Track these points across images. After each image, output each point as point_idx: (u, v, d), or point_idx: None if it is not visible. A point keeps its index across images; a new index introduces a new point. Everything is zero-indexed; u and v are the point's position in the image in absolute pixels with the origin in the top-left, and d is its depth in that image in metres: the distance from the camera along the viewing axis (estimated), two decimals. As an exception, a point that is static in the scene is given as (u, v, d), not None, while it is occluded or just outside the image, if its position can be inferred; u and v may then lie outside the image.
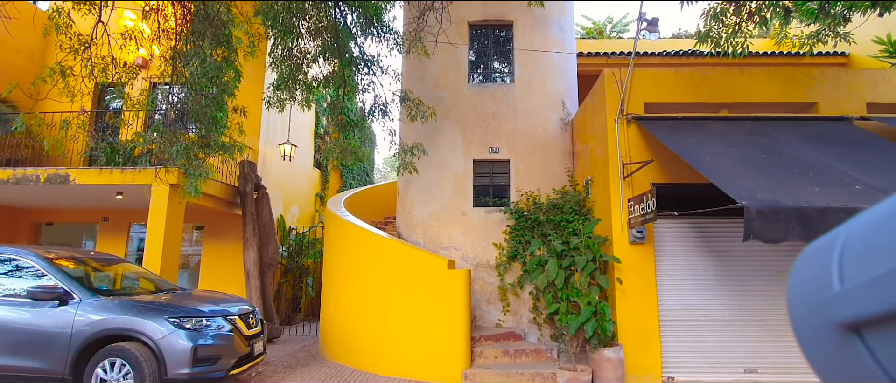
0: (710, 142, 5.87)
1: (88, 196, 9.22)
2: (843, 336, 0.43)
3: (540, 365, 6.42)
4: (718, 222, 6.55)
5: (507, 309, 7.80)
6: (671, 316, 6.36)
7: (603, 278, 6.18)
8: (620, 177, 6.56)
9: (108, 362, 4.89)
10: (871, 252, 0.42)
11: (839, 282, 0.44)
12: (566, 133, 8.65)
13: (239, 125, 7.66)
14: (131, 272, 6.65)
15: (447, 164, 8.45)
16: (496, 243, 8.02)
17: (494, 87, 8.66)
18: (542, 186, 8.22)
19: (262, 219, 9.90)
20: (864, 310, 0.40)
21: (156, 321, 4.94)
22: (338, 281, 7.62)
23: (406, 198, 8.87)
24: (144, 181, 7.73)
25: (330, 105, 7.87)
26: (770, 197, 4.22)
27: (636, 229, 6.27)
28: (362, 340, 6.99)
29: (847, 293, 0.42)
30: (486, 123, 8.47)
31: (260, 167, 10.88)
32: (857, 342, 0.41)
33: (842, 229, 0.46)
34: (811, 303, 0.47)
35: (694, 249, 6.56)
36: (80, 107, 7.96)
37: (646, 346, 6.18)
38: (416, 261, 6.79)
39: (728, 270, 6.46)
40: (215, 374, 5.06)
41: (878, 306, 0.39)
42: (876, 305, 0.39)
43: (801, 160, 5.30)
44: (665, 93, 6.90)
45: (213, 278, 10.59)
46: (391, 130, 7.88)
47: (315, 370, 6.91)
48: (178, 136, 7.18)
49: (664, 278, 6.44)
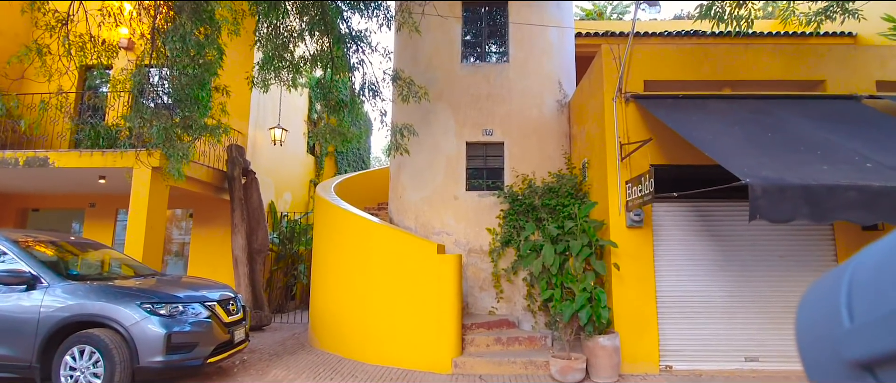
0: (711, 120, 5.59)
1: (72, 180, 8.97)
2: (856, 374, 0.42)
3: (533, 353, 6.20)
4: (719, 205, 6.29)
5: (500, 296, 7.57)
6: (669, 303, 6.12)
7: (599, 263, 5.93)
8: (618, 158, 6.29)
9: (78, 349, 4.66)
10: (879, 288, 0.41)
11: (849, 320, 0.42)
12: (563, 115, 8.36)
13: (222, 105, 7.38)
14: (110, 258, 6.41)
15: (440, 147, 8.17)
16: (490, 228, 7.77)
17: (488, 68, 8.34)
18: (538, 170, 7.95)
19: (252, 205, 9.66)
20: (877, 349, 0.39)
21: (127, 307, 4.70)
22: (326, 267, 7.39)
23: (398, 183, 8.61)
24: (125, 164, 7.47)
25: (318, 85, 7.56)
26: (775, 175, 3.95)
27: (634, 212, 6.01)
28: (350, 328, 6.78)
29: (858, 331, 0.41)
30: (480, 105, 8.17)
31: (250, 152, 10.61)
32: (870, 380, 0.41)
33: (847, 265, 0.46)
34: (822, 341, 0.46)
35: (693, 233, 6.31)
36: (57, 88, 7.66)
37: (643, 334, 5.95)
38: (404, 246, 6.54)
39: (729, 255, 6.22)
40: (191, 362, 4.85)
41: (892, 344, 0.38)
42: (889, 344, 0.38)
43: (808, 139, 5.02)
44: (665, 70, 6.60)
45: (202, 265, 10.37)
46: (382, 111, 7.61)
47: (301, 358, 6.70)
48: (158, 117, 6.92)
49: (662, 263, 6.19)
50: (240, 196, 9.27)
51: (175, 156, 6.96)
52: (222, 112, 7.34)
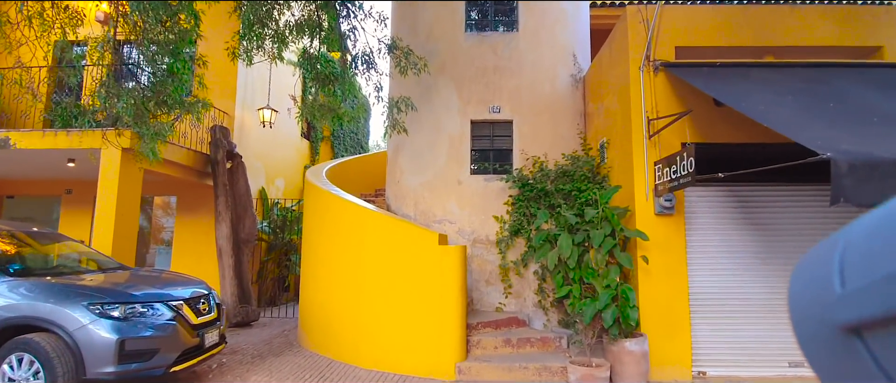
0: (759, 90, 4.78)
1: (41, 164, 8.22)
2: (845, 338, 0.42)
3: (547, 357, 5.48)
4: (761, 188, 5.52)
5: (508, 291, 6.84)
6: (703, 300, 5.38)
7: (624, 256, 5.17)
8: (645, 135, 5.50)
9: (16, 358, 3.95)
10: (871, 255, 0.41)
11: (840, 286, 0.43)
12: (578, 91, 7.54)
13: (199, 78, 6.60)
14: (72, 250, 5.69)
15: (442, 126, 7.38)
16: (497, 216, 7.01)
17: (495, 37, 7.51)
18: (550, 151, 7.16)
19: (238, 191, 8.92)
20: (866, 313, 0.40)
21: (72, 308, 3.97)
22: (317, 259, 6.66)
23: (396, 166, 7.84)
24: (92, 144, 6.71)
25: (305, 56, 6.76)
26: (860, 149, 3.17)
27: (664, 198, 5.24)
28: (343, 327, 6.06)
29: (848, 296, 0.42)
30: (486, 79, 7.36)
31: (237, 134, 9.84)
32: (859, 344, 0.41)
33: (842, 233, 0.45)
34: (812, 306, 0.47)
35: (730, 221, 5.54)
36: (15, 61, 6.87)
37: (673, 336, 5.22)
38: (402, 236, 5.80)
39: (771, 246, 5.45)
40: (151, 372, 4.13)
41: (880, 308, 0.39)
42: (877, 308, 0.39)
43: (878, 109, 4.23)
44: (699, 35, 5.78)
45: (187, 255, 9.66)
46: (378, 85, 6.80)
47: (287, 360, 6.00)
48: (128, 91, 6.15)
49: (695, 255, 5.44)
50: (224, 181, 8.52)
51: (148, 136, 6.22)
52: (200, 85, 6.56)
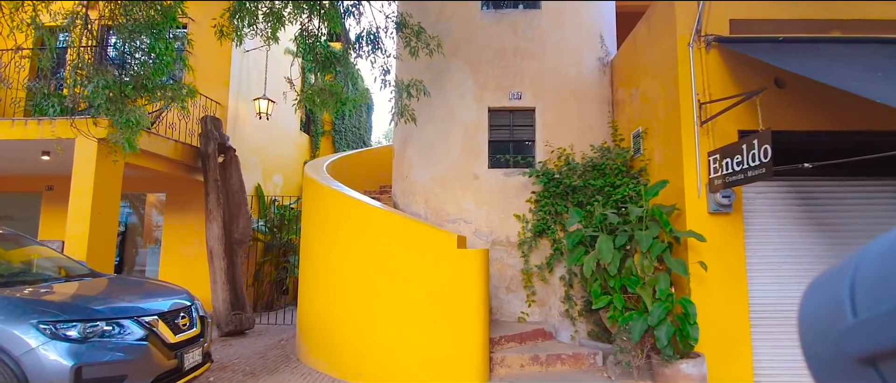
0: (841, 66, 4.05)
1: (13, 157, 7.49)
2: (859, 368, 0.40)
3: (583, 378, 4.75)
4: (825, 183, 4.79)
5: (531, 299, 6.11)
6: (764, 313, 4.64)
7: (677, 262, 4.43)
8: (696, 122, 4.76)
9: (-51, 389, 3.23)
10: (884, 282, 0.39)
11: (852, 314, 0.41)
12: (605, 76, 6.80)
13: (184, 61, 5.87)
14: (36, 255, 4.96)
15: (455, 114, 6.64)
16: (518, 214, 6.28)
17: (515, 15, 6.75)
18: (577, 142, 6.42)
19: (230, 188, 8.18)
20: (881, 343, 0.38)
21: (18, 327, 3.24)
22: (316, 262, 5.93)
23: (403, 159, 7.10)
24: (63, 134, 5.98)
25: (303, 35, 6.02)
26: None
27: (721, 193, 4.51)
28: (345, 340, 5.33)
29: (862, 325, 0.40)
30: (505, 61, 6.61)
31: (231, 126, 9.11)
32: (873, 375, 0.39)
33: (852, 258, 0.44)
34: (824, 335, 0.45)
35: (792, 220, 4.80)
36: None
37: (731, 354, 4.49)
38: (415, 238, 5.06)
39: (841, 249, 4.72)
40: (116, 404, 3.40)
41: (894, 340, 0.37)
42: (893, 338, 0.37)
43: None
44: (757, 6, 5.03)
45: (176, 257, 8.95)
46: (384, 68, 6.05)
47: (283, 378, 5.28)
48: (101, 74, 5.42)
49: (754, 260, 4.70)
50: (215, 177, 7.78)
51: (125, 125, 5.50)
52: (184, 67, 5.84)
